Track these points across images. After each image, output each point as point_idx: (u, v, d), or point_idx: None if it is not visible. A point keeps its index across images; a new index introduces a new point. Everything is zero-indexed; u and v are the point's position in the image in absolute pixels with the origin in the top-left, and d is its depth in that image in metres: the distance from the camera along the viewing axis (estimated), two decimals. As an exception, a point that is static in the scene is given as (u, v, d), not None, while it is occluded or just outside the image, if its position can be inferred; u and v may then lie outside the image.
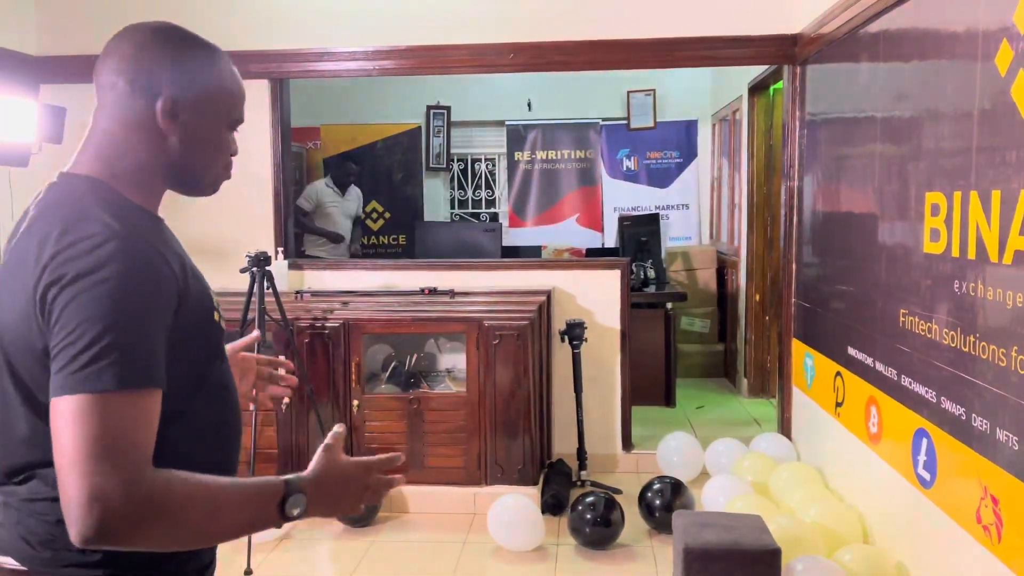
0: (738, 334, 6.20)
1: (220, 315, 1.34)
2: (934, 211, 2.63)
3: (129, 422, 1.09)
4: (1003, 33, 2.21)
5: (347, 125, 7.42)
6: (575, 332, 4.32)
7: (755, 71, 5.51)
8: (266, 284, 3.69)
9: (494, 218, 7.90)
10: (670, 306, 5.88)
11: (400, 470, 1.37)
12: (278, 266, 4.34)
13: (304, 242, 6.18)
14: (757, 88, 5.65)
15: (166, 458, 1.12)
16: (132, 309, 1.12)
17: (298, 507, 1.21)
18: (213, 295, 1.34)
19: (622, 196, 7.55)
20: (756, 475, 3.92)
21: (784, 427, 4.50)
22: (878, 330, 3.11)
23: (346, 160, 6.68)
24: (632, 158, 7.55)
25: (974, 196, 2.36)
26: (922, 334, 2.71)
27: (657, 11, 4.40)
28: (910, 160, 2.85)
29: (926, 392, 2.69)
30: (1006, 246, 2.19)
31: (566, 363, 4.45)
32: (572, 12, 4.45)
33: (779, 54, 4.36)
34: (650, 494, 3.79)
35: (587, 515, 3.60)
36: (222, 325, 1.35)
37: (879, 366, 3.10)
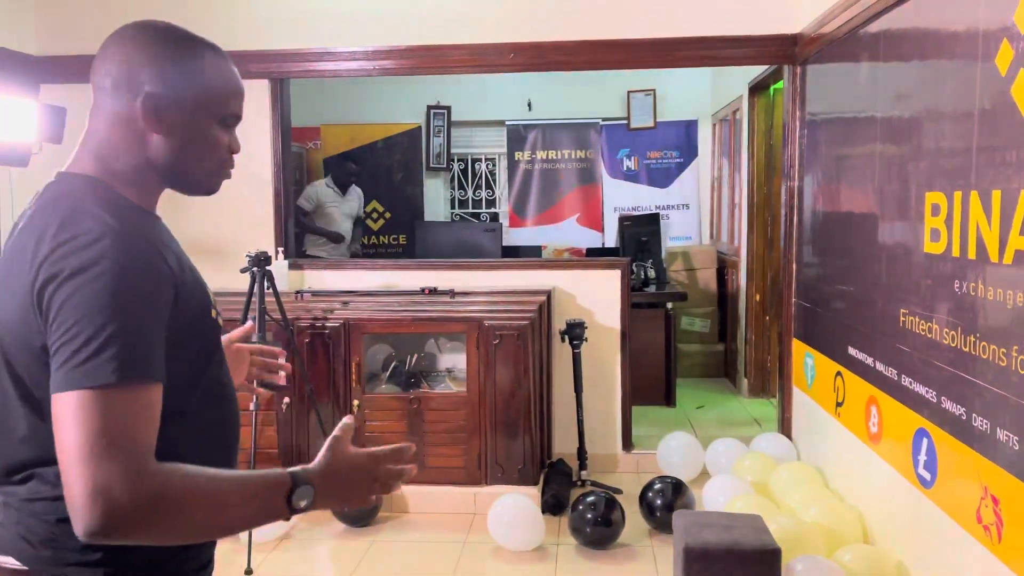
0: (738, 334, 6.20)
1: (218, 313, 1.34)
2: (934, 211, 2.63)
3: (131, 416, 1.09)
4: (1003, 33, 2.21)
5: (347, 125, 7.42)
6: (575, 332, 4.32)
7: (755, 71, 5.51)
8: (266, 284, 3.70)
9: (494, 218, 7.90)
10: (670, 306, 5.88)
11: (410, 460, 1.35)
12: (278, 266, 4.34)
13: (305, 242, 6.18)
14: (757, 88, 5.65)
15: (164, 457, 1.12)
16: (130, 303, 1.12)
17: (305, 499, 1.20)
18: (210, 293, 1.34)
19: (622, 196, 7.55)
20: (756, 475, 3.92)
21: (784, 427, 4.50)
22: (878, 330, 3.11)
23: (346, 160, 6.67)
24: (632, 158, 7.55)
25: (974, 196, 2.36)
26: (922, 334, 2.71)
27: (657, 11, 4.40)
28: (910, 160, 2.85)
29: (926, 392, 2.69)
30: (1006, 246, 2.19)
31: (566, 363, 4.44)
32: (572, 12, 4.45)
33: (779, 54, 4.36)
34: (651, 494, 3.79)
35: (588, 515, 3.60)
36: (220, 323, 1.35)
37: (879, 366, 3.10)
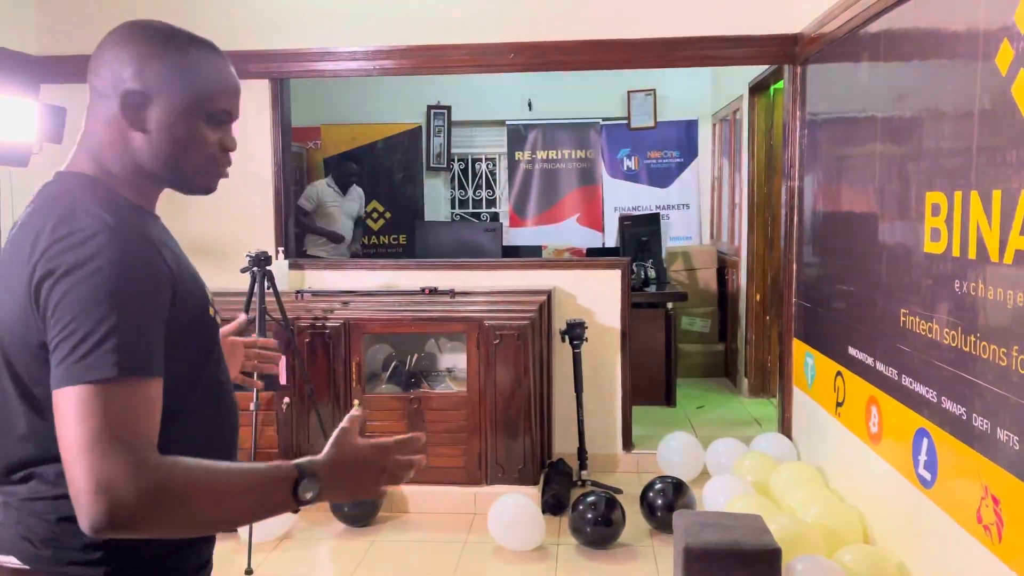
0: (739, 334, 6.20)
1: (216, 311, 1.34)
2: (935, 211, 2.63)
3: (131, 410, 1.10)
4: (1004, 33, 2.21)
5: (347, 125, 7.42)
6: (575, 332, 4.32)
7: (755, 71, 5.51)
8: (267, 284, 3.70)
9: (494, 218, 7.90)
10: (670, 306, 5.88)
11: (420, 451, 1.34)
12: (278, 266, 4.34)
13: (305, 242, 6.18)
14: (757, 88, 5.65)
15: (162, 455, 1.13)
16: (127, 299, 1.13)
17: (311, 491, 1.20)
18: (209, 292, 1.34)
19: (622, 196, 7.55)
20: (756, 475, 3.92)
21: (785, 427, 4.50)
22: (879, 330, 3.11)
23: (347, 160, 6.67)
24: (632, 158, 7.55)
25: (975, 196, 2.36)
26: (923, 334, 2.71)
27: (657, 11, 4.40)
28: (911, 160, 2.85)
29: (927, 392, 2.69)
30: (1007, 246, 2.19)
31: (566, 363, 4.44)
32: (572, 12, 4.45)
33: (779, 54, 4.35)
34: (652, 494, 3.78)
35: (588, 515, 3.60)
36: (217, 321, 1.35)
37: (880, 366, 3.10)
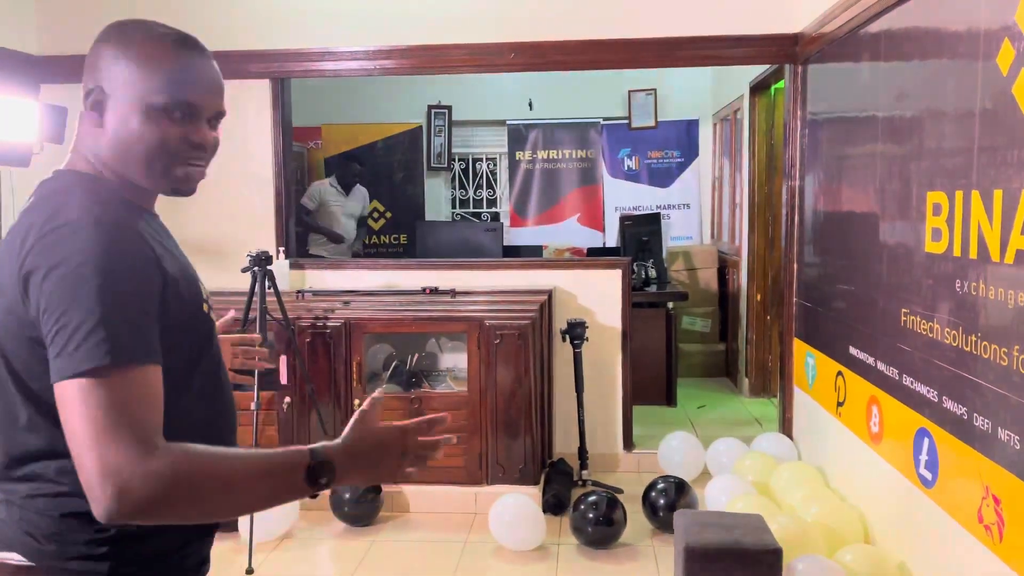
0: (739, 334, 6.20)
1: (210, 308, 1.34)
2: (936, 210, 2.63)
3: (132, 398, 1.11)
4: (1004, 32, 2.20)
5: (348, 125, 7.42)
6: (576, 332, 4.32)
7: (756, 70, 5.50)
8: (267, 284, 3.70)
9: (495, 218, 7.90)
10: (671, 306, 5.88)
11: (449, 431, 1.32)
12: (279, 265, 4.34)
13: (309, 241, 6.19)
14: (758, 87, 5.65)
15: None
16: (117, 289, 1.13)
17: (325, 476, 1.19)
18: (203, 288, 1.35)
19: (623, 196, 7.54)
20: (757, 475, 3.92)
21: (785, 427, 4.50)
22: (879, 330, 3.11)
23: (351, 160, 6.67)
24: (633, 157, 7.55)
25: (975, 195, 2.36)
26: (923, 333, 2.71)
27: (658, 10, 4.40)
28: (911, 159, 2.85)
29: (927, 392, 2.69)
30: (1007, 245, 2.18)
31: (567, 363, 4.44)
32: (573, 12, 4.45)
33: (780, 53, 4.35)
34: (654, 494, 3.78)
35: (589, 514, 3.60)
36: (212, 317, 1.35)
37: (880, 366, 3.10)
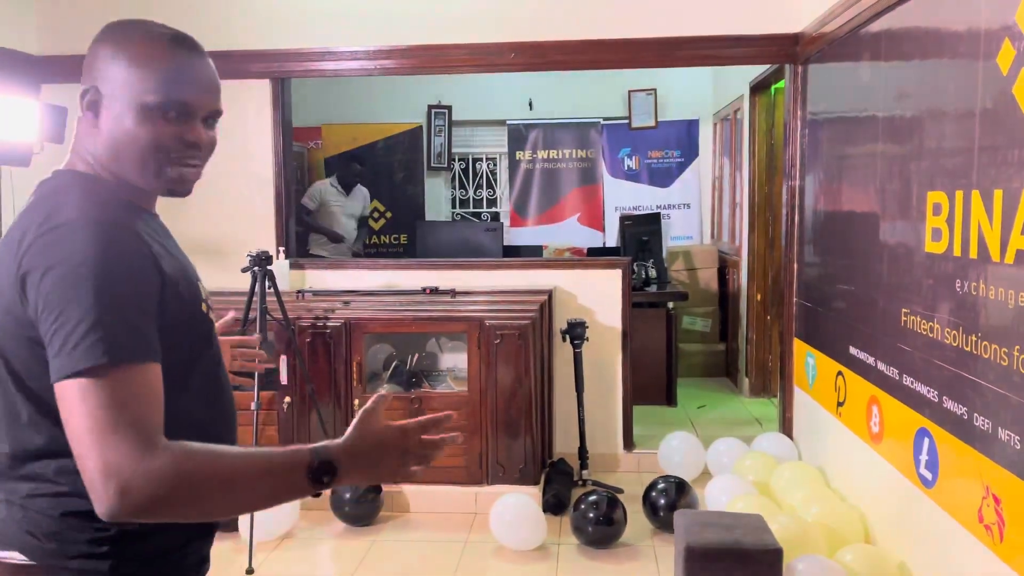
0: (739, 333, 6.20)
1: (209, 307, 1.34)
2: (936, 210, 2.63)
3: (131, 396, 1.11)
4: (1005, 32, 2.20)
5: (348, 125, 7.42)
6: (576, 331, 4.32)
7: (756, 70, 5.50)
8: (267, 283, 3.70)
9: (495, 218, 7.90)
10: (671, 305, 5.87)
11: (451, 430, 1.32)
12: (279, 265, 4.34)
13: (310, 241, 6.19)
14: (758, 87, 5.64)
15: None
16: (114, 288, 1.14)
17: (327, 475, 1.18)
18: (203, 288, 1.35)
19: (623, 195, 7.54)
20: (757, 475, 3.92)
21: (785, 427, 4.50)
22: (880, 330, 3.11)
23: (352, 160, 6.67)
24: (633, 157, 7.54)
25: (976, 195, 2.36)
26: (924, 333, 2.71)
27: (658, 10, 4.40)
28: (912, 159, 2.85)
29: (928, 391, 2.69)
30: (1008, 245, 2.18)
31: (567, 363, 4.44)
32: (573, 11, 4.45)
33: (780, 53, 4.35)
34: (654, 493, 3.78)
35: (590, 514, 3.60)
36: (211, 317, 1.35)
37: (881, 365, 3.10)
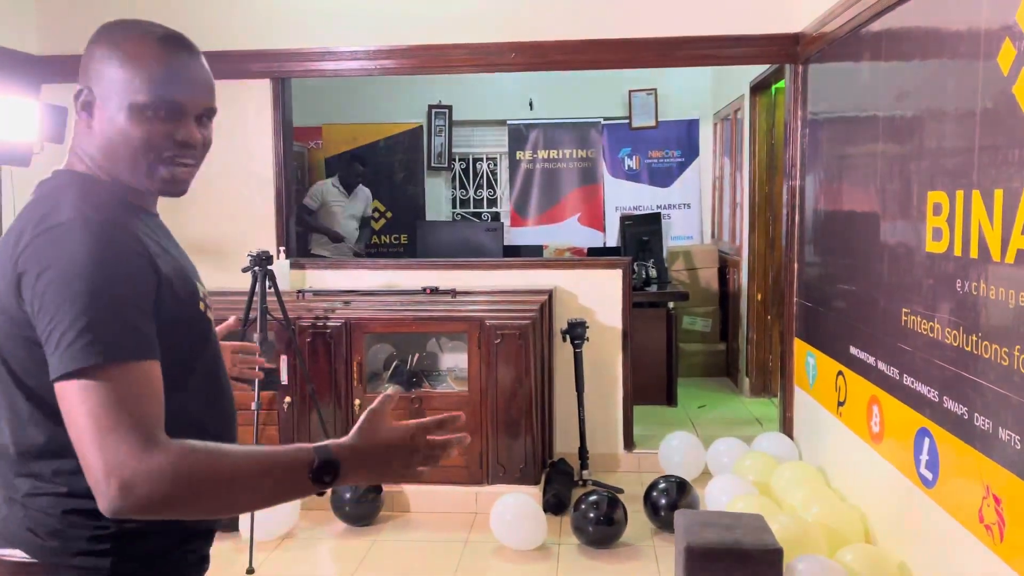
0: (740, 333, 6.20)
1: (207, 306, 1.34)
2: (936, 210, 2.63)
3: (130, 394, 1.11)
4: (1005, 32, 2.20)
5: (349, 124, 7.42)
6: (577, 331, 4.32)
7: (757, 70, 5.50)
8: (268, 283, 3.70)
9: (495, 217, 7.90)
10: (672, 305, 5.87)
11: (460, 430, 1.31)
12: (280, 265, 4.34)
13: (311, 241, 6.19)
14: (759, 87, 5.64)
15: None
16: (110, 287, 1.14)
17: (329, 475, 1.18)
18: (201, 287, 1.34)
19: (624, 195, 7.54)
20: (758, 474, 3.92)
21: (786, 426, 4.50)
22: (880, 329, 3.11)
23: (354, 161, 6.67)
24: (634, 157, 7.54)
25: (976, 195, 2.36)
26: (924, 333, 2.71)
27: (659, 10, 4.40)
28: (912, 159, 2.85)
29: (928, 391, 2.69)
30: (1008, 245, 2.18)
31: (568, 362, 4.44)
32: (573, 11, 4.45)
33: (781, 53, 4.35)
34: (655, 493, 3.78)
35: (590, 514, 3.60)
36: (209, 316, 1.35)
37: (881, 365, 3.10)
